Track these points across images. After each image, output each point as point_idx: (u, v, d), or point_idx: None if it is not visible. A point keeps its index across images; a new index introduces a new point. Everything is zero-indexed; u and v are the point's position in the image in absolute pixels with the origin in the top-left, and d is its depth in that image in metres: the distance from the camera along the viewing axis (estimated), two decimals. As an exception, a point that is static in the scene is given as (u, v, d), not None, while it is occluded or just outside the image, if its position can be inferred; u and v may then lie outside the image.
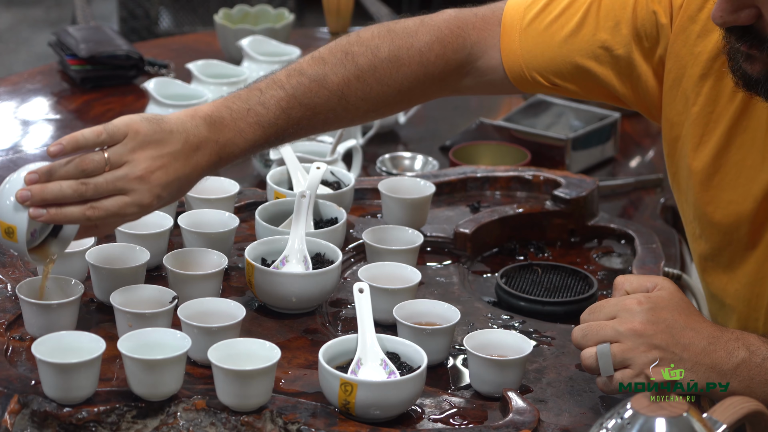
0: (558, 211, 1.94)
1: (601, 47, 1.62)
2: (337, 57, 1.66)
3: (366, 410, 1.41)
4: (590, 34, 1.63)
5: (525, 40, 1.66)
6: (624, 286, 1.49)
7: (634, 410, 1.22)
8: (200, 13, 4.40)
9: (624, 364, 1.43)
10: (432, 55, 1.67)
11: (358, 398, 1.40)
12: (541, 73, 1.66)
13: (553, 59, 1.65)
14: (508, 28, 1.68)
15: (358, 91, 1.64)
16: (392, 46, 1.66)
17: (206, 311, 1.53)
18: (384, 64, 1.66)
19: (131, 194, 1.48)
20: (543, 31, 1.66)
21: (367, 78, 1.65)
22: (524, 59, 1.66)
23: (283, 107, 1.60)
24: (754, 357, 1.42)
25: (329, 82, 1.63)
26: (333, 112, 1.64)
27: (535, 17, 1.66)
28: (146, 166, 1.49)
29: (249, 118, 1.58)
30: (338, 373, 1.41)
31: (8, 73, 4.43)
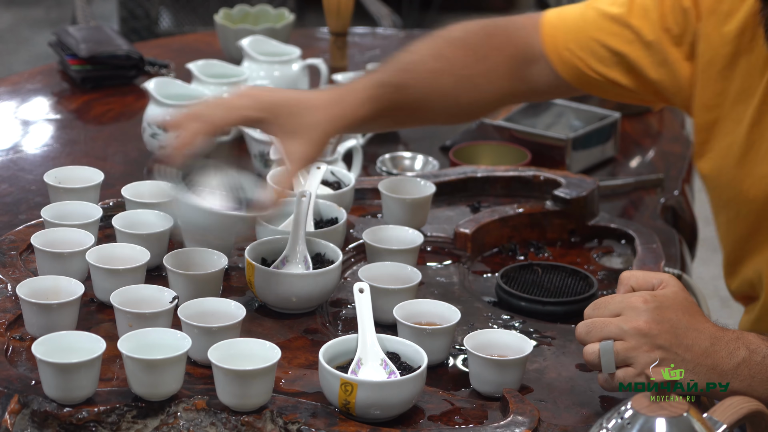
0: (558, 211, 1.94)
1: (632, 32, 1.68)
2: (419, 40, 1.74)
3: (366, 410, 1.41)
4: (622, 18, 1.69)
5: (564, 25, 1.73)
6: (630, 282, 1.49)
7: (634, 410, 1.22)
8: (200, 13, 4.39)
9: (626, 362, 1.43)
10: (492, 28, 1.76)
11: (358, 398, 1.40)
12: (581, 57, 1.71)
13: (589, 43, 1.71)
14: (548, 17, 1.75)
15: (450, 53, 1.71)
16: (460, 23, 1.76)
17: (206, 311, 1.53)
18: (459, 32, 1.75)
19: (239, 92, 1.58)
20: (580, 15, 1.73)
21: (453, 41, 1.73)
22: (564, 44, 1.72)
23: (387, 66, 1.69)
24: (754, 356, 1.43)
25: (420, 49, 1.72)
26: (436, 70, 1.70)
27: (573, 8, 1.74)
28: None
29: (360, 75, 1.68)
30: (338, 373, 1.41)
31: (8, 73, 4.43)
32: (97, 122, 2.40)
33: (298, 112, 1.57)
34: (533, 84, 1.76)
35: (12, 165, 2.15)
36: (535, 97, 1.83)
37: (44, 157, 2.21)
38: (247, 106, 1.57)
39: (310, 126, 1.58)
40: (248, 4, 2.90)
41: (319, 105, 1.59)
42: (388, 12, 3.62)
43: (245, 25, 2.69)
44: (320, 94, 1.62)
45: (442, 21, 1.72)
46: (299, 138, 1.57)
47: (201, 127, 1.54)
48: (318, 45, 2.84)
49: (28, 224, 1.80)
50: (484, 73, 1.72)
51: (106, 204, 1.84)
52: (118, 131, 2.35)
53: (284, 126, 1.58)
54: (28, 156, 2.21)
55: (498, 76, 1.73)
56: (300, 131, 1.57)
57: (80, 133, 2.33)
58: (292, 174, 1.57)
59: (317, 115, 1.58)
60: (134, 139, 2.26)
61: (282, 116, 1.58)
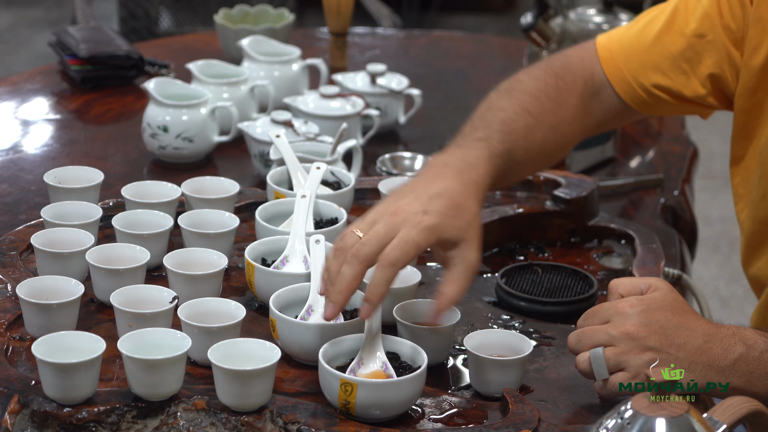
0: (558, 211, 1.94)
1: (695, 36, 1.68)
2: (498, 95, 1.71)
3: (366, 410, 1.41)
4: (682, 24, 1.69)
5: (622, 49, 1.73)
6: (618, 290, 1.50)
7: (634, 410, 1.22)
8: (200, 13, 4.39)
9: (619, 367, 1.43)
10: (558, 68, 1.74)
11: (358, 398, 1.40)
12: (645, 76, 1.71)
13: (652, 58, 1.71)
14: (603, 43, 1.75)
15: (534, 106, 1.68)
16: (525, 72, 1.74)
17: (206, 311, 1.53)
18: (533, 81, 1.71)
19: (400, 226, 1.44)
20: (637, 34, 1.73)
21: (533, 92, 1.70)
22: (626, 66, 1.72)
23: (486, 127, 1.62)
24: (751, 351, 1.43)
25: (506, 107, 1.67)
26: (527, 127, 1.65)
27: (627, 30, 1.74)
28: (393, 206, 1.47)
29: (467, 140, 1.59)
30: (338, 373, 1.41)
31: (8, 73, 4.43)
32: (97, 122, 2.40)
33: (457, 218, 1.47)
34: (599, 116, 1.76)
35: (12, 165, 2.15)
36: (600, 130, 1.81)
37: (44, 157, 2.21)
38: (424, 239, 1.44)
39: (471, 223, 1.48)
40: (248, 4, 2.89)
41: (462, 197, 1.49)
42: (388, 12, 3.62)
43: (245, 25, 2.69)
44: (454, 184, 1.50)
45: (443, 21, 1.71)
46: (466, 242, 1.47)
47: (394, 273, 1.44)
48: (318, 45, 2.84)
49: (28, 224, 1.80)
50: (565, 118, 1.71)
51: (106, 204, 1.84)
52: (118, 131, 2.35)
53: (451, 238, 1.47)
54: (28, 156, 2.21)
55: (575, 117, 1.72)
56: (465, 235, 1.47)
57: (80, 133, 2.33)
58: (467, 284, 1.46)
59: (470, 209, 1.49)
60: (134, 139, 2.26)
61: (447, 231, 1.46)
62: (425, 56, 2.86)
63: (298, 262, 1.66)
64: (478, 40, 3.08)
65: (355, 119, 2.22)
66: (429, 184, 1.50)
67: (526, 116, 1.66)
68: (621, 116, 1.77)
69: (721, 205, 4.48)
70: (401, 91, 2.35)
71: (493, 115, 1.65)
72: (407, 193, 1.49)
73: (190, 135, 2.15)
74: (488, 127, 1.63)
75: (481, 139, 1.60)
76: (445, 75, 2.73)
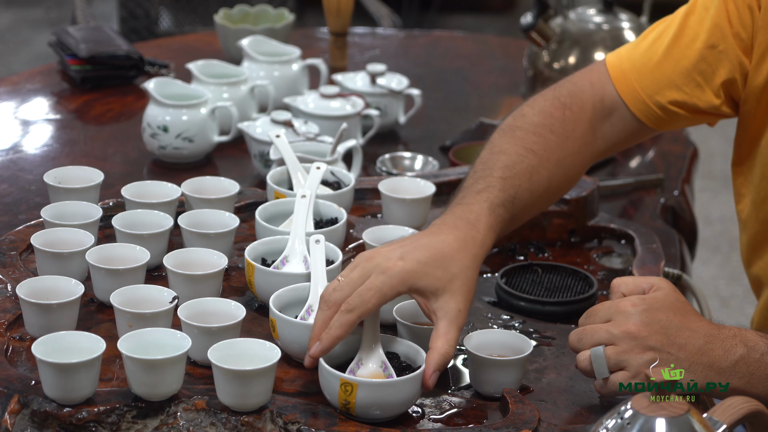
0: (558, 211, 1.94)
1: (706, 47, 1.66)
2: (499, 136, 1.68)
3: (366, 410, 1.41)
4: (691, 37, 1.67)
5: (633, 67, 1.71)
6: (620, 289, 1.50)
7: (634, 410, 1.22)
8: (200, 13, 4.39)
9: (619, 366, 1.43)
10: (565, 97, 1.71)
11: (358, 398, 1.40)
12: (661, 94, 1.69)
13: (665, 74, 1.69)
14: (613, 63, 1.73)
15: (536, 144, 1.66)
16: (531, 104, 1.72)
17: (206, 311, 1.53)
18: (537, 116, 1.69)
19: (372, 271, 1.45)
20: (646, 51, 1.71)
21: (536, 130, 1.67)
22: (640, 85, 1.70)
23: (488, 176, 1.60)
24: (752, 353, 1.43)
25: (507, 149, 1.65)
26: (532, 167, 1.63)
27: (635, 47, 1.72)
28: (378, 250, 1.48)
29: (467, 196, 1.57)
30: (338, 373, 1.41)
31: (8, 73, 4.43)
32: (97, 122, 2.40)
33: (439, 268, 1.46)
34: (611, 137, 1.73)
35: (12, 165, 2.15)
36: (613, 151, 1.80)
37: (44, 157, 2.21)
38: (386, 288, 1.44)
39: (457, 276, 1.46)
40: (248, 4, 2.90)
41: (453, 251, 1.47)
42: (388, 12, 3.62)
43: (245, 25, 2.69)
44: (446, 238, 1.49)
45: (443, 21, 1.71)
46: (448, 293, 1.46)
47: (346, 322, 1.43)
48: (318, 45, 2.84)
49: (28, 224, 1.80)
50: (572, 150, 1.69)
51: (106, 204, 1.84)
52: (118, 131, 2.35)
53: (429, 288, 1.46)
54: (28, 156, 2.21)
55: (583, 145, 1.70)
56: (448, 286, 1.46)
57: (80, 133, 2.33)
58: (455, 337, 1.45)
59: (460, 262, 1.47)
60: (134, 139, 2.26)
61: (422, 279, 1.45)
62: (425, 56, 2.86)
63: (298, 262, 1.66)
64: (478, 40, 3.08)
65: (355, 119, 2.22)
66: (419, 237, 1.50)
67: (530, 157, 1.64)
68: (635, 135, 1.75)
69: (721, 205, 4.48)
70: (401, 91, 2.35)
71: (495, 159, 1.63)
72: (396, 243, 1.49)
73: (190, 135, 2.15)
74: (489, 176, 1.60)
75: (482, 191, 1.57)
76: (445, 75, 2.73)
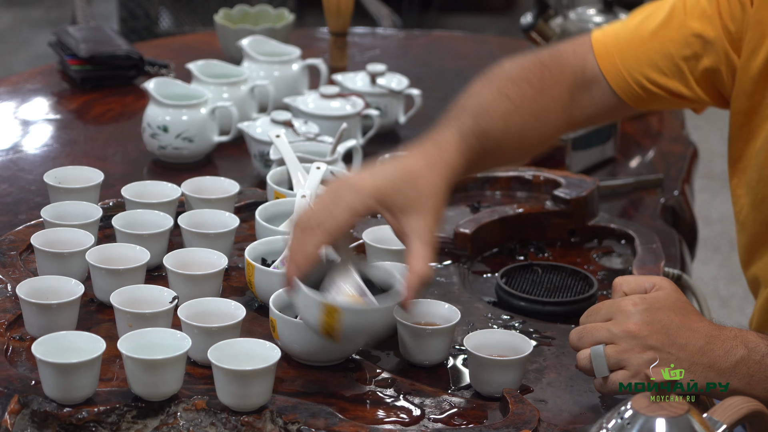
0: (558, 211, 1.94)
1: (693, 35, 1.66)
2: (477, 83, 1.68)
3: (351, 336, 1.42)
4: (680, 22, 1.67)
5: (617, 44, 1.70)
6: (622, 288, 1.50)
7: (634, 410, 1.22)
8: (200, 13, 4.39)
9: (619, 365, 1.43)
10: (545, 58, 1.71)
11: (345, 324, 1.39)
12: (641, 72, 1.69)
13: (649, 54, 1.68)
14: (598, 38, 1.72)
15: (513, 92, 1.65)
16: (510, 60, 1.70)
17: (206, 311, 1.53)
18: (515, 69, 1.68)
19: (341, 190, 1.44)
20: (633, 30, 1.71)
21: (513, 79, 1.67)
22: (621, 60, 1.70)
23: (461, 113, 1.59)
24: (753, 354, 1.43)
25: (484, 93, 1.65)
26: (507, 112, 1.63)
27: (623, 25, 1.72)
28: (347, 176, 1.48)
29: (439, 127, 1.57)
30: (322, 298, 1.39)
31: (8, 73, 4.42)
32: (97, 122, 2.40)
33: (407, 185, 1.45)
34: (589, 109, 1.73)
35: (12, 165, 2.15)
36: (590, 123, 1.80)
37: (44, 157, 2.21)
38: (356, 202, 1.43)
39: (426, 194, 1.46)
40: (248, 4, 2.90)
41: (422, 170, 1.47)
42: (388, 12, 3.62)
43: (245, 25, 2.69)
44: (416, 160, 1.49)
45: (443, 21, 1.71)
46: (417, 211, 1.44)
47: (318, 239, 1.42)
48: (318, 45, 2.84)
49: (28, 224, 1.80)
50: (548, 107, 1.68)
51: (106, 204, 1.84)
52: (118, 131, 2.35)
53: (398, 204, 1.45)
54: (28, 156, 2.21)
55: (560, 107, 1.70)
56: (417, 204, 1.45)
57: (80, 133, 2.33)
58: (428, 255, 1.43)
59: (428, 180, 1.46)
60: (134, 139, 2.26)
61: (391, 195, 1.45)
62: (425, 56, 2.86)
63: (298, 262, 1.65)
64: (478, 40, 3.08)
65: (355, 119, 2.22)
66: (389, 161, 1.49)
67: (506, 102, 1.64)
68: (614, 111, 1.75)
69: (721, 205, 4.48)
70: (401, 91, 2.35)
71: (470, 101, 1.64)
72: (365, 169, 1.49)
73: (190, 135, 2.15)
74: (463, 113, 1.61)
75: (453, 124, 1.58)
76: (445, 75, 2.73)
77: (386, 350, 1.58)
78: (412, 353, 1.55)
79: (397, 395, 1.49)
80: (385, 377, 1.52)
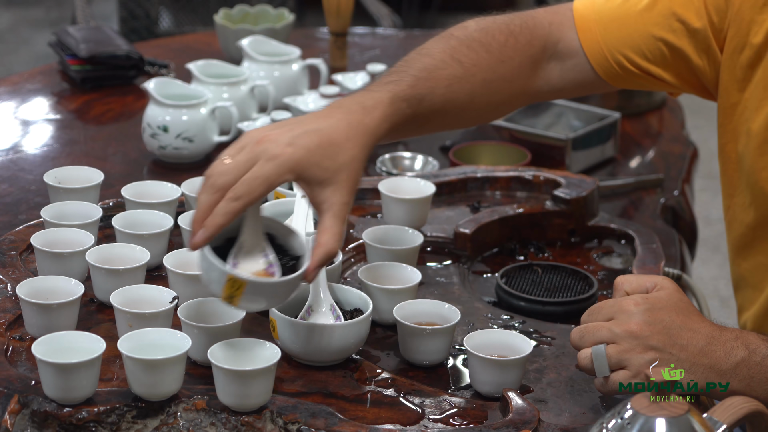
0: (558, 211, 1.94)
1: (677, 20, 1.63)
2: (433, 40, 1.64)
3: (249, 305, 1.44)
4: (665, 8, 1.64)
5: (601, 19, 1.66)
6: (624, 287, 1.50)
7: (634, 410, 1.22)
8: (200, 13, 4.39)
9: (620, 365, 1.43)
10: (515, 26, 1.66)
11: (244, 295, 1.40)
12: (621, 52, 1.65)
13: (631, 35, 1.65)
14: (580, 11, 1.68)
15: (466, 56, 1.62)
16: (477, 21, 1.66)
17: (206, 311, 1.53)
18: (477, 33, 1.64)
19: (260, 156, 1.41)
20: (618, 8, 1.66)
21: (470, 43, 1.63)
22: (603, 37, 1.66)
23: (402, 72, 1.56)
24: (753, 356, 1.42)
25: (435, 52, 1.61)
26: (453, 77, 1.60)
27: (607, 0, 1.67)
28: (264, 134, 1.43)
29: (375, 84, 1.54)
30: (227, 269, 1.40)
31: (8, 73, 4.43)
32: (97, 122, 2.40)
33: (326, 157, 1.43)
34: (556, 82, 1.70)
35: (12, 165, 2.15)
36: (552, 97, 1.76)
37: (44, 157, 2.21)
38: (273, 175, 1.41)
39: (344, 167, 1.43)
40: (248, 4, 2.90)
41: (342, 139, 1.44)
42: (388, 12, 3.62)
43: (245, 25, 2.69)
44: (338, 123, 1.46)
45: (442, 21, 1.70)
46: (334, 184, 1.43)
47: (231, 210, 1.40)
48: (318, 45, 2.84)
49: (28, 224, 1.80)
50: (505, 77, 1.65)
51: (106, 204, 1.84)
52: (118, 131, 2.35)
53: (315, 177, 1.43)
54: (28, 156, 2.21)
55: (518, 76, 1.66)
56: (334, 177, 1.43)
57: (80, 133, 2.33)
58: (340, 230, 1.42)
59: (347, 151, 1.44)
60: (134, 139, 2.26)
61: (309, 168, 1.42)
62: (425, 56, 2.85)
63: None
64: (478, 40, 3.07)
65: (355, 119, 2.22)
66: (311, 120, 1.46)
67: (455, 66, 1.61)
68: (587, 86, 1.72)
69: (720, 205, 4.47)
70: (401, 91, 2.35)
71: (418, 60, 1.60)
72: (285, 125, 1.45)
73: (190, 135, 2.15)
74: (405, 72, 1.57)
75: (390, 82, 1.55)
76: (445, 75, 2.73)
77: (386, 350, 1.59)
78: (412, 353, 1.55)
79: (397, 395, 1.49)
80: (385, 377, 1.52)
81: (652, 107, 2.63)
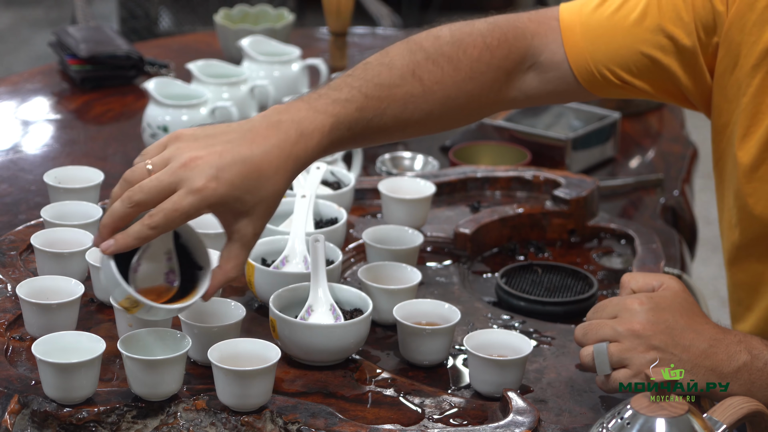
0: (558, 211, 1.94)
1: (666, 37, 1.59)
2: (400, 47, 1.59)
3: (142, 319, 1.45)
4: (654, 24, 1.59)
5: (587, 32, 1.63)
6: (630, 285, 1.49)
7: (634, 410, 1.22)
8: (200, 13, 4.39)
9: (621, 363, 1.43)
10: (494, 39, 1.61)
11: (139, 313, 1.41)
12: (608, 67, 1.61)
13: (619, 50, 1.61)
14: (567, 21, 1.64)
15: (430, 73, 1.57)
16: (453, 30, 1.61)
17: (206, 311, 1.53)
18: (448, 46, 1.59)
19: (182, 184, 1.38)
20: (606, 21, 1.62)
21: (437, 59, 1.58)
22: (589, 51, 1.62)
23: (356, 86, 1.52)
24: (756, 361, 1.42)
25: (397, 64, 1.56)
26: (410, 95, 1.55)
27: (594, 10, 1.63)
28: (192, 154, 1.39)
29: (322, 99, 1.50)
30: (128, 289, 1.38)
31: (8, 73, 4.43)
32: (97, 122, 2.40)
33: (249, 192, 1.40)
34: (533, 91, 1.65)
35: (12, 165, 2.15)
36: (526, 104, 1.72)
37: (44, 157, 2.21)
38: (192, 210, 1.38)
39: (265, 200, 1.41)
40: (248, 4, 2.90)
41: (270, 171, 1.41)
42: (388, 12, 3.62)
43: (245, 25, 2.69)
44: (270, 150, 1.42)
45: (443, 21, 1.68)
46: (250, 216, 1.41)
47: (145, 235, 1.37)
48: (318, 45, 2.84)
49: (28, 224, 1.80)
50: (472, 93, 1.60)
51: (106, 204, 1.84)
52: (118, 131, 2.35)
53: (234, 210, 1.41)
54: (28, 156, 2.21)
55: (490, 90, 1.62)
56: (252, 210, 1.41)
57: (80, 133, 2.33)
58: (244, 259, 1.42)
59: (272, 185, 1.41)
60: (134, 139, 2.26)
61: (230, 203, 1.40)
62: (425, 56, 2.85)
63: (298, 262, 1.66)
64: (478, 40, 3.07)
65: (355, 119, 2.22)
66: (243, 144, 1.41)
67: (415, 85, 1.55)
68: (567, 95, 1.68)
69: (720, 205, 4.48)
70: (401, 91, 2.35)
71: (377, 71, 1.55)
72: (216, 143, 1.41)
73: (190, 135, 2.14)
74: (358, 87, 1.52)
75: (339, 101, 1.50)
76: (445, 75, 2.73)
77: (386, 350, 1.59)
78: (412, 353, 1.55)
79: (397, 395, 1.49)
80: (385, 377, 1.52)
81: (652, 107, 2.63)
